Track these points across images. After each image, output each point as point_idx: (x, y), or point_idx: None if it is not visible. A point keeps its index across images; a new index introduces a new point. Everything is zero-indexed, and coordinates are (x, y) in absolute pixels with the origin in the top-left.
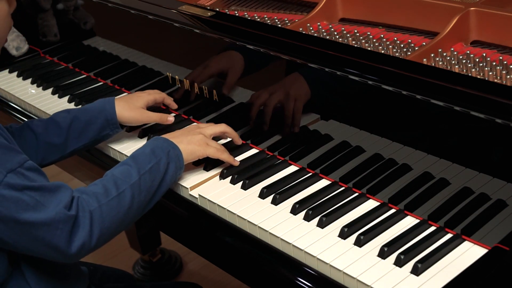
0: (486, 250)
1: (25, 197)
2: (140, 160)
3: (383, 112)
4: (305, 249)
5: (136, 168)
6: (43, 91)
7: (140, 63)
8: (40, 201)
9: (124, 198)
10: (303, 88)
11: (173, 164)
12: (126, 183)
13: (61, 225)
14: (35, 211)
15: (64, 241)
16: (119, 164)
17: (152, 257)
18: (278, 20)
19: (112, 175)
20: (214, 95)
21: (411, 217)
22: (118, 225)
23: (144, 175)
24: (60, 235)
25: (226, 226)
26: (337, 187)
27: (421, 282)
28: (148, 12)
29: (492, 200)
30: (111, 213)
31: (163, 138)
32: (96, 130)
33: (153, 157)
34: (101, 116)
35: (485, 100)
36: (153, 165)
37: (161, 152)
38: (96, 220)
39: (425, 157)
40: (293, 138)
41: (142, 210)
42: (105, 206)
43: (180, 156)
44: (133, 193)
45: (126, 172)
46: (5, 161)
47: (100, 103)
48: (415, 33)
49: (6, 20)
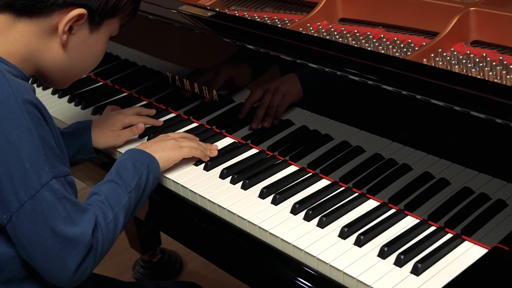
0: (486, 250)
1: (60, 206)
2: (125, 176)
3: (383, 112)
4: (305, 249)
5: (123, 186)
6: (43, 91)
7: (140, 63)
8: (71, 216)
9: (119, 220)
10: (303, 87)
11: (152, 175)
12: (119, 204)
13: (80, 246)
14: (64, 223)
15: (75, 264)
16: (105, 181)
17: (152, 257)
18: (278, 20)
19: (105, 196)
20: (214, 95)
21: (411, 217)
22: (111, 244)
23: (131, 193)
24: (75, 256)
25: (226, 226)
26: (337, 187)
27: (421, 282)
28: (148, 12)
29: (492, 200)
30: (109, 237)
31: (141, 151)
32: (70, 154)
33: (136, 173)
34: (77, 142)
35: (485, 100)
36: (137, 181)
37: (142, 166)
38: (100, 245)
39: (425, 157)
40: (293, 138)
41: (128, 223)
42: (105, 230)
43: (157, 167)
44: (126, 212)
45: (115, 192)
46: (54, 166)
47: (76, 128)
48: (415, 33)
49: (102, 56)
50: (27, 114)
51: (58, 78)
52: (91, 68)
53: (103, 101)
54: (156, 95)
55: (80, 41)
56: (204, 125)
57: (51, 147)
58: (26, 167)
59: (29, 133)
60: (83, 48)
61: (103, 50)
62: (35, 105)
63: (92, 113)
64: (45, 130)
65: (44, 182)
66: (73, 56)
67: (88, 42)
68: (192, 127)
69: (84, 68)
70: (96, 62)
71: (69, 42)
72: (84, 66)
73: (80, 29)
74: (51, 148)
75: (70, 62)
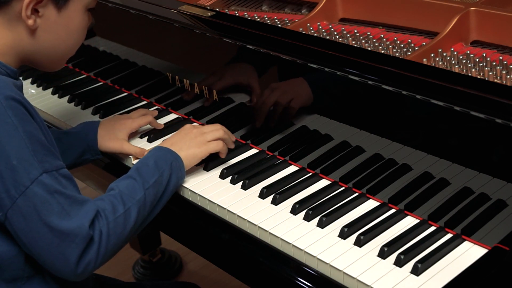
0: (486, 250)
1: (53, 201)
2: (144, 173)
3: (383, 112)
4: (305, 249)
5: (141, 182)
6: (43, 91)
7: (140, 63)
8: (66, 209)
9: (130, 215)
10: (303, 87)
11: (174, 175)
12: (132, 199)
13: (78, 239)
14: (59, 217)
15: (76, 257)
16: (124, 177)
17: (152, 257)
18: (278, 20)
19: (119, 190)
20: (214, 95)
21: (411, 217)
22: (122, 241)
23: (148, 189)
24: (74, 249)
25: (226, 226)
26: (337, 187)
27: (421, 282)
28: (148, 12)
29: (492, 200)
30: (117, 231)
31: (166, 149)
32: (77, 154)
33: (157, 170)
34: (83, 142)
35: (485, 100)
36: (157, 179)
37: (164, 164)
38: (104, 239)
39: (425, 157)
40: (293, 138)
41: (143, 223)
42: (112, 224)
43: (181, 166)
44: (139, 209)
45: (131, 187)
46: (44, 161)
47: (83, 129)
48: (415, 33)
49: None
50: (10, 110)
51: (46, 63)
52: (76, 45)
53: (103, 101)
54: (156, 95)
55: (52, 22)
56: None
57: (39, 142)
58: (13, 164)
59: (14, 129)
60: (57, 28)
61: (81, 26)
62: (18, 100)
63: (92, 113)
64: (31, 125)
65: (33, 177)
66: (50, 38)
67: (61, 21)
68: None
69: (68, 47)
70: (79, 39)
71: (40, 26)
72: (67, 45)
73: (46, 10)
74: (39, 142)
75: (50, 45)
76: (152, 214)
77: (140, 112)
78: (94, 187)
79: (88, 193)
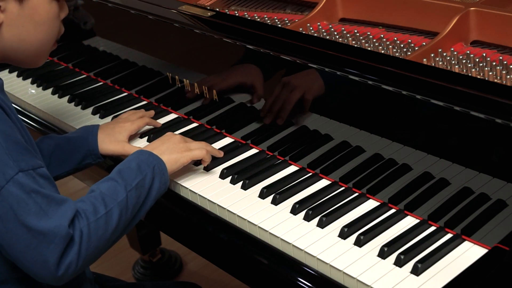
0: (486, 250)
1: (30, 200)
2: (126, 175)
3: (383, 112)
4: (305, 249)
5: (123, 185)
6: (43, 91)
7: (140, 63)
8: (44, 209)
9: (112, 216)
10: (303, 87)
11: (157, 179)
12: (114, 201)
13: (57, 239)
14: (36, 217)
15: (55, 258)
16: (105, 179)
17: (152, 257)
18: (278, 20)
19: (100, 192)
20: (214, 95)
21: (411, 217)
22: (104, 244)
23: (130, 191)
24: (54, 250)
25: (226, 226)
26: (337, 187)
27: (421, 282)
28: (148, 12)
29: (492, 200)
30: (98, 232)
31: (148, 152)
32: (78, 159)
33: (139, 173)
34: (84, 147)
35: (485, 100)
36: (139, 181)
37: (147, 168)
38: (85, 240)
39: (425, 157)
40: (293, 138)
41: (126, 227)
42: (93, 225)
43: (164, 170)
44: (121, 211)
45: (113, 189)
46: (20, 160)
47: (84, 133)
48: (415, 33)
49: (55, 23)
50: None
51: (23, 58)
52: (49, 36)
53: (103, 101)
54: (156, 95)
55: (16, 16)
56: (204, 125)
57: (14, 141)
58: None
59: None
60: (22, 21)
61: (49, 16)
62: None
63: (92, 113)
64: (6, 124)
65: (9, 177)
66: (17, 32)
67: (24, 14)
68: (192, 127)
69: (39, 40)
70: (49, 30)
71: (5, 21)
72: (38, 38)
73: (7, 4)
74: (14, 141)
75: (18, 39)
76: (136, 218)
77: (137, 114)
78: None
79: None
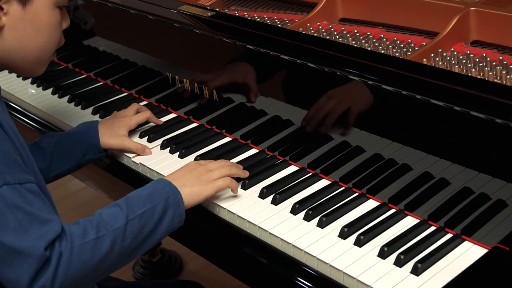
0: (486, 250)
1: (10, 216)
2: (133, 203)
3: (383, 112)
4: (305, 249)
5: (125, 212)
6: (43, 91)
7: (140, 63)
8: (24, 226)
9: (102, 243)
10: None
11: (171, 211)
12: (109, 227)
13: (31, 259)
14: (13, 234)
15: (28, 278)
16: (112, 204)
17: (152, 257)
18: (278, 20)
19: (99, 216)
20: (214, 95)
21: (411, 217)
22: (91, 271)
23: (132, 220)
24: (27, 269)
25: (226, 226)
26: (337, 187)
27: (421, 282)
28: (148, 12)
29: (492, 200)
30: (82, 257)
31: (166, 182)
32: (80, 155)
33: (148, 201)
34: (85, 142)
35: (485, 100)
36: (146, 210)
37: (159, 197)
38: (63, 263)
39: (425, 157)
40: (293, 138)
41: (125, 257)
42: (77, 249)
43: (180, 202)
44: (115, 238)
45: (113, 215)
46: (6, 172)
47: (84, 128)
48: (415, 33)
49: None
50: None
51: (21, 64)
52: (49, 44)
53: (103, 101)
54: (156, 95)
55: (18, 19)
56: (204, 125)
57: (2, 152)
58: None
59: None
60: (24, 25)
61: (50, 23)
62: None
63: (92, 113)
64: None
65: None
66: (18, 36)
67: (27, 17)
68: (192, 127)
69: (39, 46)
70: (50, 37)
71: (7, 24)
72: (37, 44)
73: (10, 6)
74: (2, 152)
75: (18, 43)
76: (140, 249)
77: (133, 107)
78: (94, 187)
79: (88, 193)
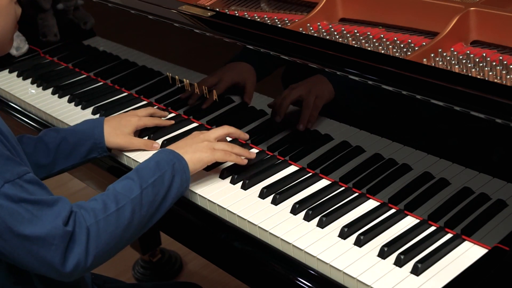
0: (486, 250)
1: (21, 209)
2: (144, 173)
3: (383, 112)
4: (305, 249)
5: (138, 182)
6: (43, 91)
7: (140, 63)
8: (36, 215)
9: (124, 213)
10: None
11: (178, 176)
12: (127, 198)
13: (56, 240)
14: (30, 224)
15: (59, 258)
16: (122, 178)
17: (152, 257)
18: (278, 20)
19: (113, 190)
20: (214, 95)
21: (411, 217)
22: (117, 241)
23: (146, 189)
24: (55, 251)
25: (226, 226)
26: (337, 187)
27: (421, 282)
28: (148, 12)
29: (492, 200)
30: (108, 229)
31: (169, 150)
32: (84, 152)
33: (157, 170)
34: (89, 140)
35: (485, 100)
36: (157, 179)
37: (166, 165)
38: (93, 237)
39: (425, 157)
40: (293, 138)
41: (144, 225)
42: (103, 222)
43: (186, 168)
44: (134, 208)
45: (127, 187)
46: (4, 171)
47: (90, 126)
48: (415, 33)
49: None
50: None
51: None
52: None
53: (103, 101)
54: (156, 95)
55: None
56: (204, 125)
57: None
58: None
59: None
60: None
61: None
62: None
63: (92, 113)
64: None
65: None
66: None
67: None
68: (192, 127)
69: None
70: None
71: None
72: None
73: None
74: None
75: None
76: (155, 216)
77: (147, 110)
78: (94, 187)
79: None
